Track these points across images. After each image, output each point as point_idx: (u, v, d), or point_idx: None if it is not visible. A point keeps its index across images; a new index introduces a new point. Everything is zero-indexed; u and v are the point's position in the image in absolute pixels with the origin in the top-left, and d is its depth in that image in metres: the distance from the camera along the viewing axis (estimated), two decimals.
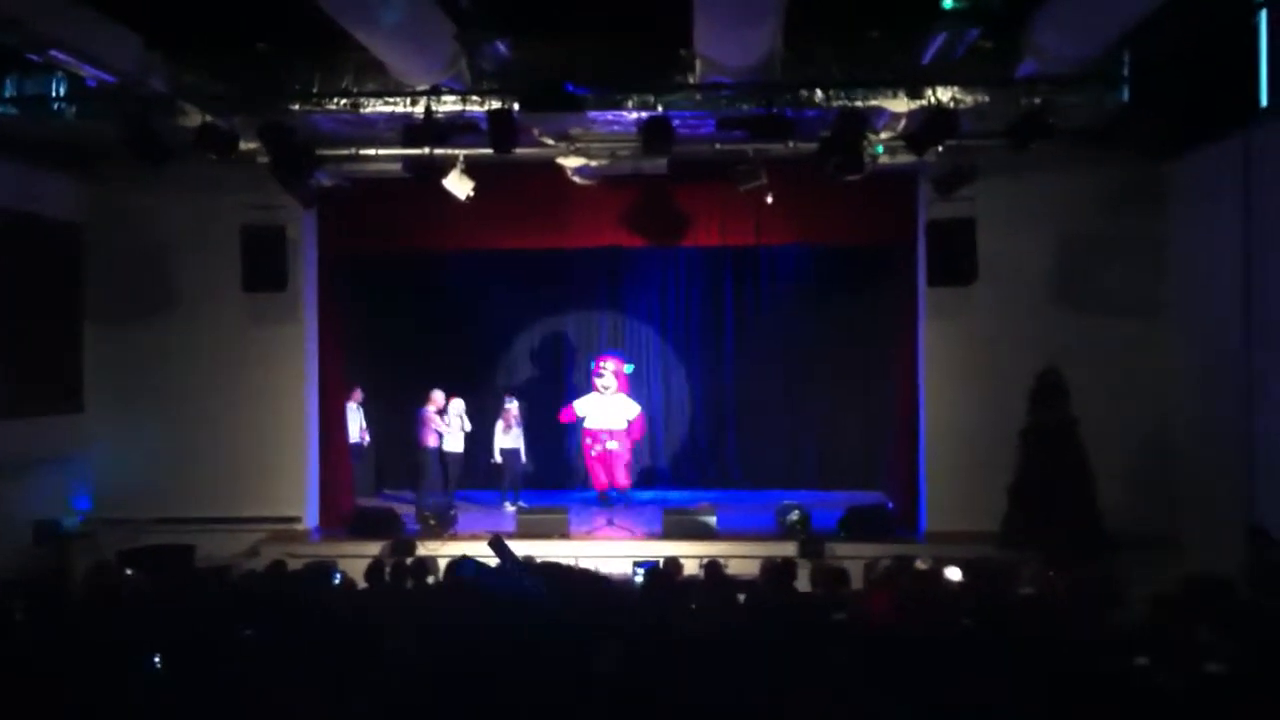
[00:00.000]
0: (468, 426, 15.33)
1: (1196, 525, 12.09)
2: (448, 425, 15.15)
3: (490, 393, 16.51)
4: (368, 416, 16.03)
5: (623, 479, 15.25)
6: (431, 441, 15.06)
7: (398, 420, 16.24)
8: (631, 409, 15.35)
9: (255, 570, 10.52)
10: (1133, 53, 10.53)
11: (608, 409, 15.33)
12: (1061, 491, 12.05)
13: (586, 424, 15.33)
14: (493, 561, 7.58)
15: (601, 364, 15.56)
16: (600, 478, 15.29)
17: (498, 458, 15.31)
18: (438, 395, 15.22)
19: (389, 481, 16.70)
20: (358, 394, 15.54)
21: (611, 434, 15.17)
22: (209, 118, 10.85)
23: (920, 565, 9.43)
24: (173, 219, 13.76)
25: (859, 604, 8.59)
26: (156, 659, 5.69)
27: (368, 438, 15.71)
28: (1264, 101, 10.41)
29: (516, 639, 5.39)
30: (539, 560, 9.69)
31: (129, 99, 10.49)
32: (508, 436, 15.34)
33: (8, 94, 10.54)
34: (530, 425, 15.95)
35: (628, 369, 15.58)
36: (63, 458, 13.46)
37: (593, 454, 15.28)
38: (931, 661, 5.76)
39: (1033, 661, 5.97)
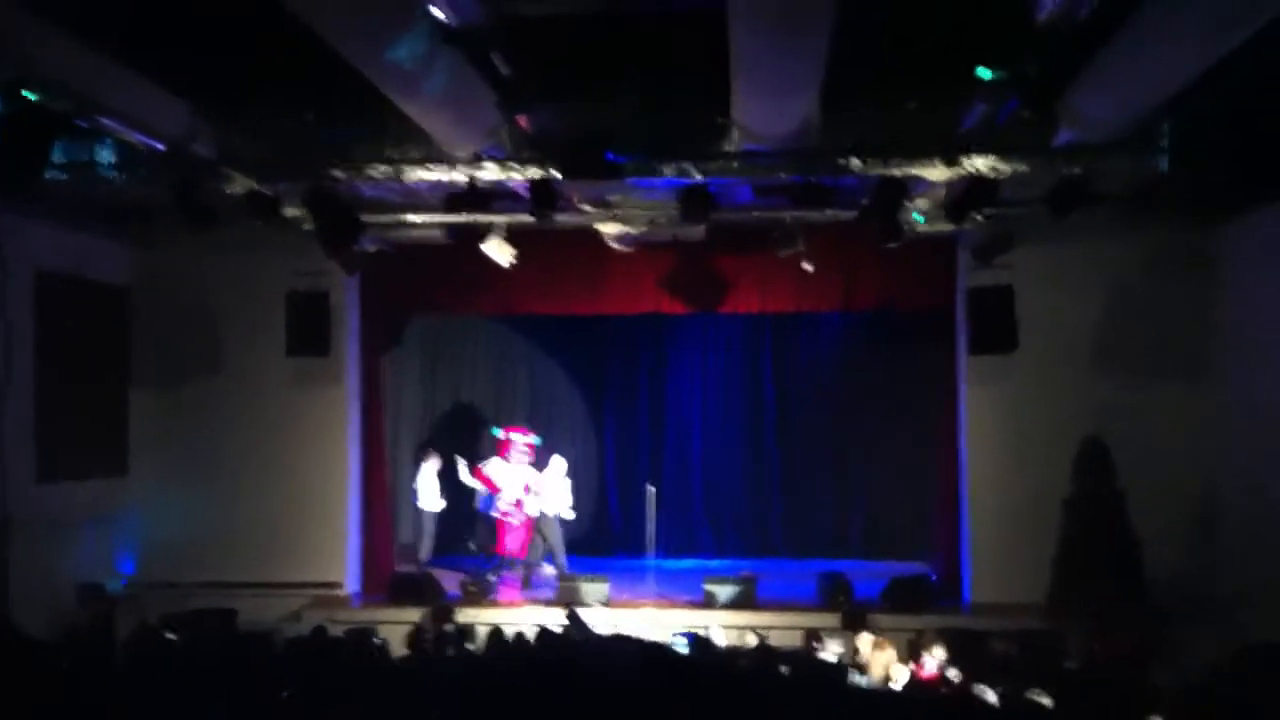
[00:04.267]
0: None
1: (1246, 593, 11.88)
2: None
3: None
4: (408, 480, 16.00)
5: (510, 546, 14.76)
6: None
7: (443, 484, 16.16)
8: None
9: (298, 636, 10.55)
10: (1174, 119, 10.51)
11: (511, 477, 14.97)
12: (1107, 563, 11.92)
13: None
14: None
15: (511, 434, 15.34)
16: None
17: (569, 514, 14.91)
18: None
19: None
20: (435, 459, 15.25)
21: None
22: (255, 184, 11.01)
23: None
24: (218, 283, 13.96)
25: None
26: None
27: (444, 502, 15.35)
28: None
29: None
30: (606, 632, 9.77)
31: (176, 165, 10.66)
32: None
33: (56, 159, 10.72)
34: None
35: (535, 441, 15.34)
36: (107, 519, 13.57)
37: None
38: None
39: None
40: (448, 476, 15.31)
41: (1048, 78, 9.72)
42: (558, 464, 14.74)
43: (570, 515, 14.66)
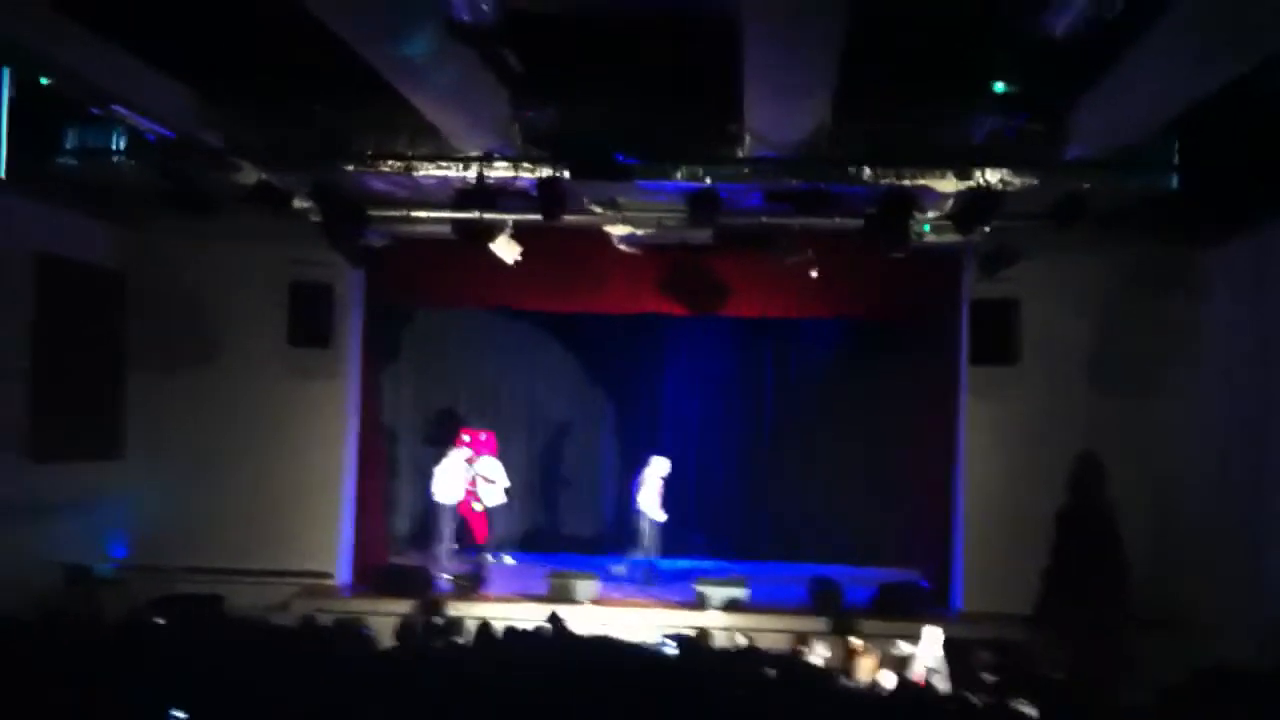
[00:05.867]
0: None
1: (1228, 609, 11.86)
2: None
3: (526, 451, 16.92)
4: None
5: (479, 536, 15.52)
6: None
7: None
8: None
9: (286, 625, 10.54)
10: (1181, 140, 10.55)
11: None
12: (1096, 578, 11.91)
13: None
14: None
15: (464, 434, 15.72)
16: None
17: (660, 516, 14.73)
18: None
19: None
20: (460, 450, 15.22)
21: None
22: (264, 175, 11.01)
23: None
24: (219, 270, 13.91)
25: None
26: (179, 713, 5.68)
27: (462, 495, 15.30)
28: None
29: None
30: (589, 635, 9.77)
31: (185, 153, 10.68)
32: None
33: (68, 146, 10.74)
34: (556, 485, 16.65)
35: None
36: (101, 502, 13.52)
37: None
38: None
39: None
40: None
41: (1059, 92, 9.78)
42: (657, 464, 14.76)
43: (661, 516, 14.60)
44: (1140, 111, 9.62)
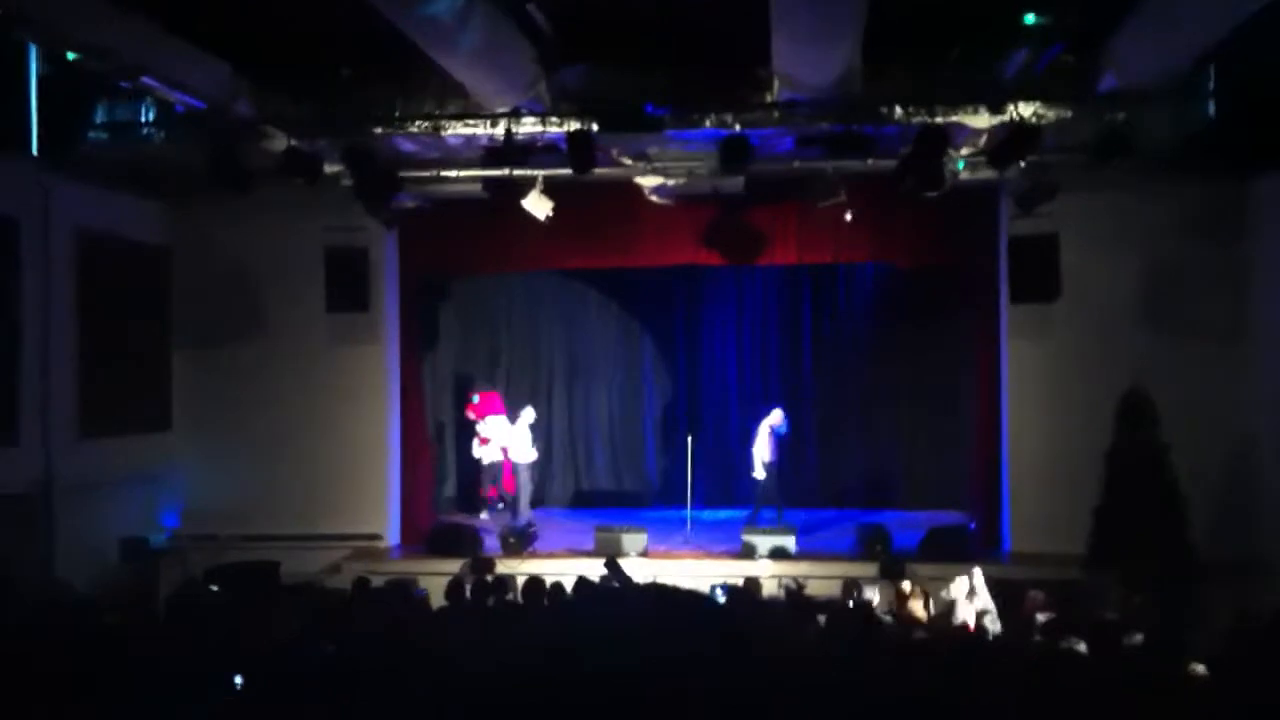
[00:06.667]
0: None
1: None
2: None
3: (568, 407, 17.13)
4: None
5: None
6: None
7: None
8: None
9: (339, 587, 10.64)
10: (1218, 69, 10.36)
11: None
12: (1148, 515, 11.80)
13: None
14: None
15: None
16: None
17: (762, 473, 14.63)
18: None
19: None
20: (530, 410, 15.31)
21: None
22: (294, 141, 11.01)
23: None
24: (257, 241, 13.96)
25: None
26: (238, 679, 5.73)
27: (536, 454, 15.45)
28: None
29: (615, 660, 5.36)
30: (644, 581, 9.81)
31: (216, 124, 10.69)
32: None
33: (100, 120, 10.78)
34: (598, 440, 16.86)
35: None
36: (151, 475, 13.68)
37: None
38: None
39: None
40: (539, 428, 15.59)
41: (1091, 23, 9.61)
42: (773, 416, 14.66)
43: (760, 474, 14.53)
44: (1174, 40, 9.45)
